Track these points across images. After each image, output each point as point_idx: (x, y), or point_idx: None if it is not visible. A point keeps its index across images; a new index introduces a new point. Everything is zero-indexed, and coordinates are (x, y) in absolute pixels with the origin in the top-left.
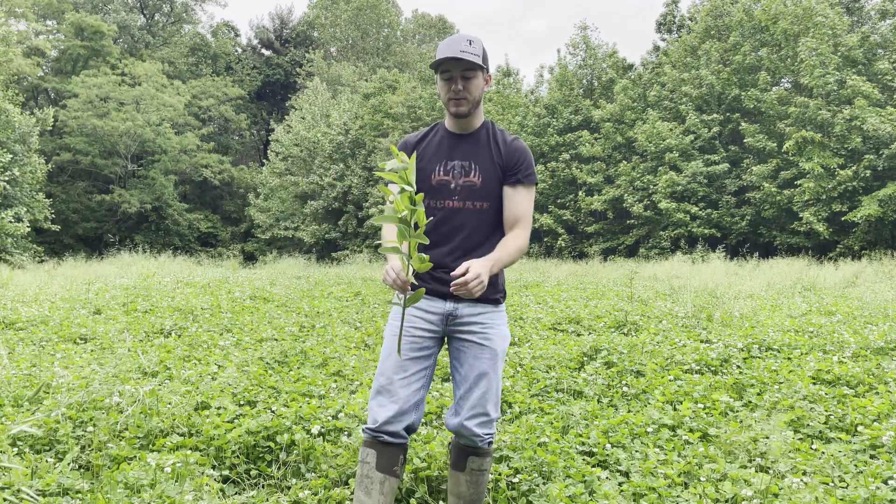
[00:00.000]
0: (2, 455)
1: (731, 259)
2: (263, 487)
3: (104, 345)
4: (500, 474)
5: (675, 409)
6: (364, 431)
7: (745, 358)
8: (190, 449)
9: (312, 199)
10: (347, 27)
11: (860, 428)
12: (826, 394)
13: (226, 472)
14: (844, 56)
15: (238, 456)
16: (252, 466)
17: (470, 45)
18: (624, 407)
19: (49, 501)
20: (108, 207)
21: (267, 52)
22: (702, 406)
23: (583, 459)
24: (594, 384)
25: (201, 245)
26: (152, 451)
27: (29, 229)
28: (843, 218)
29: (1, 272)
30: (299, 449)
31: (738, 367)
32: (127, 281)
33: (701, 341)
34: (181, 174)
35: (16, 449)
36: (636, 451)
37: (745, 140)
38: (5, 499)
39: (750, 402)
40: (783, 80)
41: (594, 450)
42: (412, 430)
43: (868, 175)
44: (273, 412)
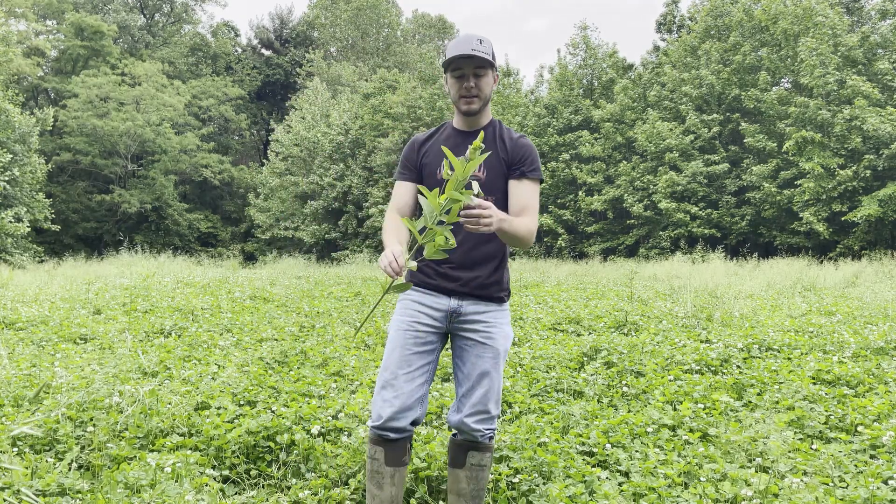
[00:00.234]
0: (2, 455)
1: (731, 259)
2: (263, 487)
3: (104, 345)
4: (500, 474)
5: (675, 409)
6: (370, 429)
7: (745, 358)
8: (190, 449)
9: (312, 199)
10: (347, 27)
11: (860, 428)
12: (826, 394)
13: (226, 472)
14: (844, 56)
15: (238, 456)
16: (252, 466)
17: (480, 44)
18: (624, 407)
19: (49, 501)
20: (108, 207)
21: (267, 52)
22: (702, 406)
23: (583, 459)
24: (594, 384)
25: (201, 245)
26: (152, 451)
27: (29, 229)
28: (843, 218)
29: (1, 272)
30: (299, 449)
31: (738, 367)
32: (127, 281)
33: (701, 341)
34: (181, 174)
35: (16, 449)
36: (636, 451)
37: (745, 140)
38: (5, 499)
39: (750, 402)
40: (783, 80)
41: (594, 450)
42: (417, 423)
43: (868, 175)
44: (273, 412)
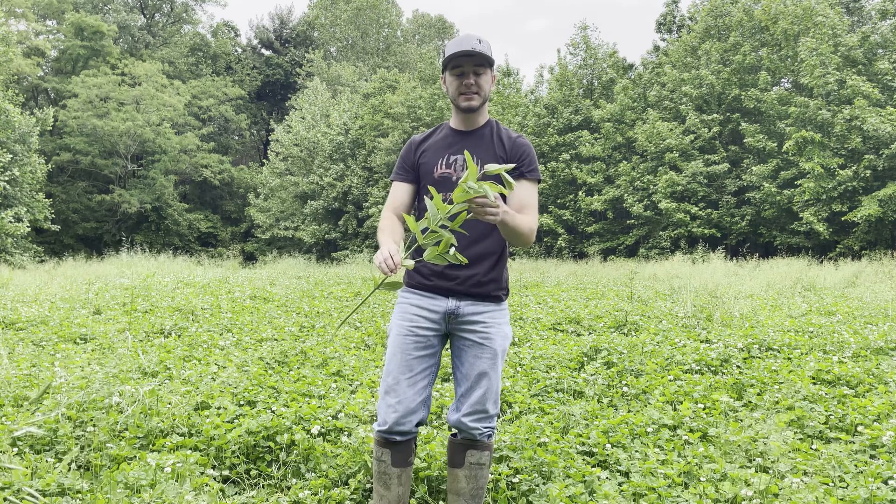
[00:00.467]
0: (2, 455)
1: (731, 259)
2: (263, 487)
3: (104, 345)
4: (500, 474)
5: (675, 409)
6: (376, 432)
7: (745, 358)
8: (190, 449)
9: (312, 199)
10: (347, 27)
11: (860, 428)
12: (826, 394)
13: (226, 472)
14: (844, 56)
15: (238, 456)
16: (252, 466)
17: (480, 44)
18: (624, 407)
19: (49, 501)
20: (108, 207)
21: (267, 52)
22: (702, 406)
23: (583, 459)
24: (594, 384)
25: (201, 245)
26: (152, 451)
27: (29, 229)
28: (843, 218)
29: (1, 272)
30: (299, 449)
31: (738, 368)
32: (127, 281)
33: (701, 341)
34: (181, 174)
35: (16, 449)
36: (636, 451)
37: (745, 140)
38: (6, 499)
39: (750, 402)
40: (783, 80)
41: (594, 450)
42: (422, 424)
43: (868, 175)
44: (273, 412)
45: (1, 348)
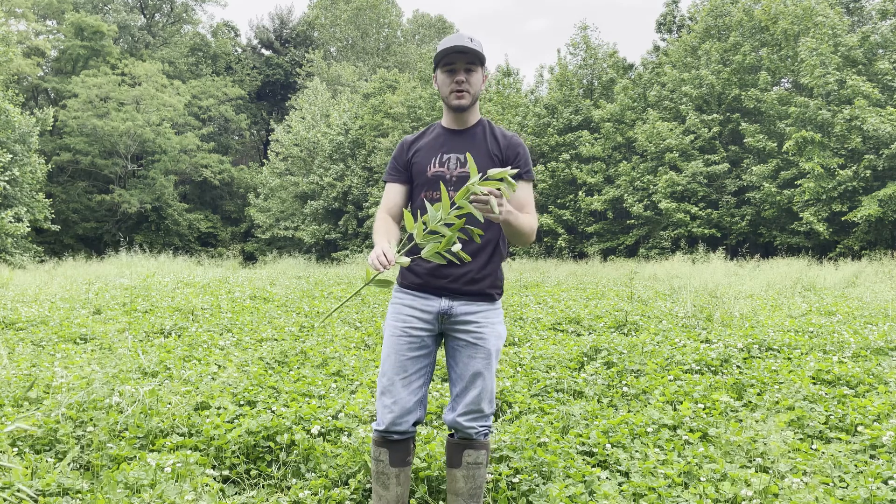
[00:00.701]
0: (2, 455)
1: (731, 259)
2: (263, 487)
3: (104, 345)
4: (501, 474)
5: (675, 409)
6: (374, 431)
7: (745, 358)
8: (190, 449)
9: (312, 199)
10: (347, 27)
11: (860, 428)
12: (826, 394)
13: (226, 472)
14: (845, 56)
15: (238, 456)
16: (252, 466)
17: (472, 42)
18: (624, 407)
19: (49, 501)
20: (108, 207)
21: (267, 52)
22: (702, 406)
23: (583, 459)
24: (594, 384)
25: (201, 245)
26: (152, 451)
27: (29, 229)
28: (843, 218)
29: (1, 272)
30: (299, 449)
31: (738, 368)
32: (127, 281)
33: (701, 341)
34: (181, 174)
35: (16, 449)
36: (636, 451)
37: (745, 140)
38: (5, 499)
39: (750, 402)
40: (783, 80)
41: (594, 450)
42: (420, 423)
43: (868, 175)
44: (273, 412)
45: (1, 348)
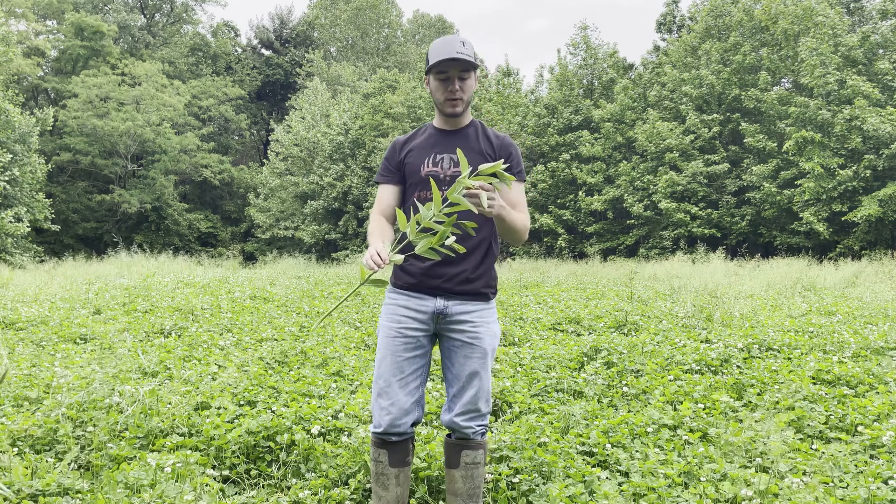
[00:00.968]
0: (2, 455)
1: (731, 259)
2: (263, 487)
3: (104, 345)
4: (501, 474)
5: (675, 409)
6: (372, 433)
7: (745, 358)
8: (190, 449)
9: (312, 199)
10: (347, 27)
11: (860, 428)
12: (826, 394)
13: (226, 472)
14: (845, 56)
15: (238, 456)
16: (252, 466)
17: (464, 47)
18: (624, 407)
19: (49, 501)
20: (108, 207)
21: (267, 52)
22: (702, 406)
23: (583, 459)
24: (594, 384)
25: (201, 245)
26: (152, 451)
27: (29, 229)
28: (843, 218)
29: (1, 272)
30: (299, 449)
31: (738, 368)
32: (127, 281)
33: (701, 341)
34: (181, 174)
35: (16, 449)
36: (636, 451)
37: (745, 140)
38: (6, 498)
39: (750, 402)
40: (783, 80)
41: (594, 450)
42: (417, 424)
43: (868, 175)
44: (273, 412)
45: (1, 348)
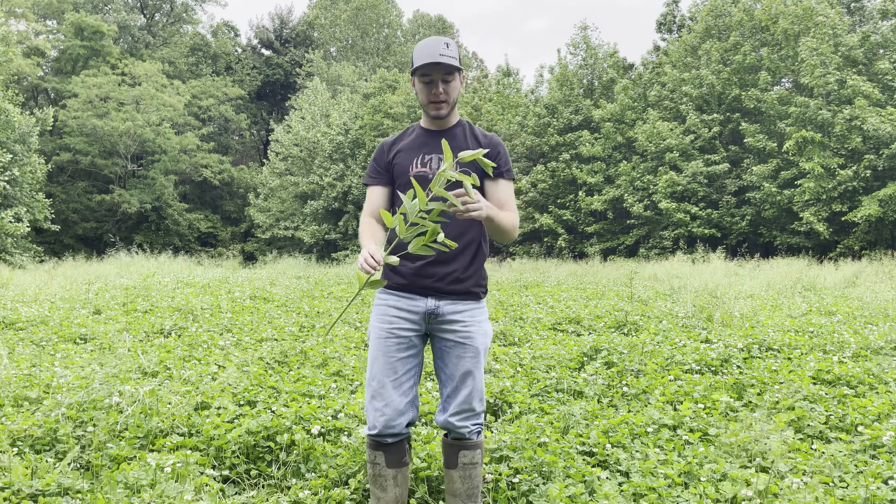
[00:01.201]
0: (2, 455)
1: (732, 259)
2: (263, 487)
3: (104, 345)
4: (501, 474)
5: (675, 409)
6: (367, 435)
7: (746, 358)
8: (190, 449)
9: (312, 199)
10: (347, 27)
11: (860, 428)
12: (826, 394)
13: (226, 472)
14: (845, 56)
15: (238, 456)
16: (252, 466)
17: (447, 49)
18: (624, 407)
19: (49, 501)
20: (108, 207)
21: (267, 52)
22: (702, 406)
23: (583, 459)
24: (594, 384)
25: (201, 245)
26: (152, 451)
27: (29, 229)
28: (844, 218)
29: (1, 272)
30: (299, 449)
31: (739, 368)
32: (127, 281)
33: (701, 341)
34: (181, 174)
35: (16, 449)
36: (636, 451)
37: (746, 140)
38: (6, 499)
39: (750, 402)
40: (783, 80)
41: (594, 450)
42: (412, 424)
43: (868, 175)
44: (273, 412)
45: (1, 348)
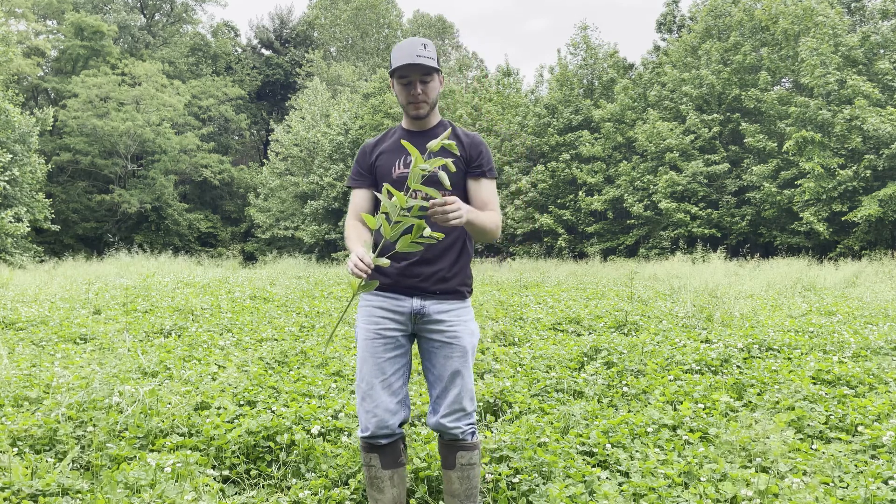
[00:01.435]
0: (2, 455)
1: (732, 259)
2: (263, 487)
3: (104, 345)
4: (501, 474)
5: (675, 409)
6: (360, 438)
7: (746, 358)
8: (190, 449)
9: (312, 199)
10: (347, 27)
11: (860, 428)
12: (826, 394)
13: (226, 472)
14: (845, 56)
15: (238, 456)
16: (252, 466)
17: (425, 49)
18: (624, 407)
19: (49, 501)
20: (108, 207)
21: (267, 52)
22: (702, 406)
23: (583, 459)
24: (594, 384)
25: (201, 245)
26: (152, 451)
27: (29, 229)
28: (844, 218)
29: (1, 272)
30: (299, 449)
31: (739, 368)
32: (127, 281)
33: (701, 341)
34: (181, 174)
35: (16, 449)
36: (636, 451)
37: (746, 140)
38: (6, 499)
39: (750, 402)
40: (783, 80)
41: (594, 450)
42: (405, 422)
43: (868, 175)
44: (273, 412)
45: (1, 348)
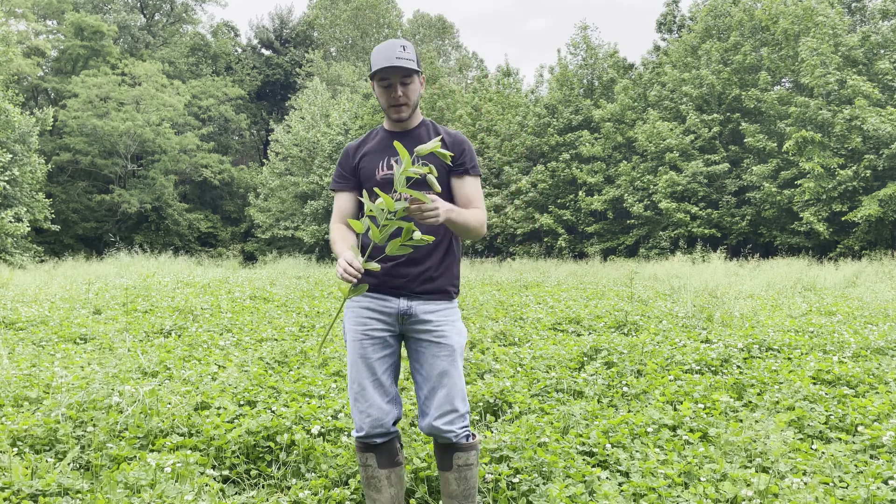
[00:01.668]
0: (2, 455)
1: (732, 259)
2: (263, 487)
3: (104, 345)
4: (501, 474)
5: (675, 409)
6: (355, 438)
7: (746, 358)
8: (190, 449)
9: (312, 199)
10: (347, 27)
11: (860, 428)
12: (826, 394)
13: (226, 472)
14: (845, 56)
15: (238, 456)
16: (252, 466)
17: (405, 51)
18: (624, 407)
19: (49, 501)
20: (108, 207)
21: (267, 52)
22: (702, 406)
23: (583, 459)
24: (594, 384)
25: (201, 245)
26: (152, 451)
27: (29, 229)
28: (844, 218)
29: (1, 272)
30: (299, 449)
31: (739, 368)
32: (127, 281)
33: (701, 341)
34: (181, 174)
35: (16, 449)
36: (636, 451)
37: (746, 140)
38: (6, 499)
39: (750, 402)
40: (783, 80)
41: (594, 450)
42: (398, 420)
43: (868, 175)
44: (273, 412)
45: (1, 348)
